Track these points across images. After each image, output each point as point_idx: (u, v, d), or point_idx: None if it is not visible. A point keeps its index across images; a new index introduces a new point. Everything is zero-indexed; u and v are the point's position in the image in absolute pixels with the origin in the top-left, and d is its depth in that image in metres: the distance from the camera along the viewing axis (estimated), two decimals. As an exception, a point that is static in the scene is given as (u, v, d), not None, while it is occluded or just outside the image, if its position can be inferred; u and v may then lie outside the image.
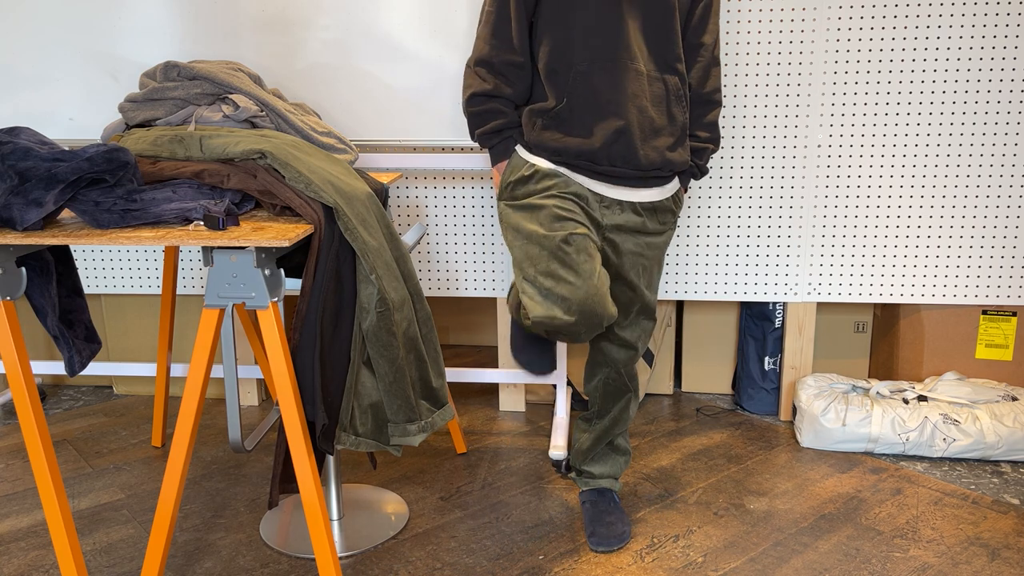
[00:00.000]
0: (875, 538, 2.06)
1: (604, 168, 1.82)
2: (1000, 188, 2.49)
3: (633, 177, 1.85)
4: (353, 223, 1.67)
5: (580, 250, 1.74)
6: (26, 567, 1.99)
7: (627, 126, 1.79)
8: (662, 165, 1.84)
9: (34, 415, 1.68)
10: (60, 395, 3.02)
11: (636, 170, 1.83)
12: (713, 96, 1.91)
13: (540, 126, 1.84)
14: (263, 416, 2.81)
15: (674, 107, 1.84)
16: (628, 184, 1.85)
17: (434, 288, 2.72)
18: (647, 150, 1.82)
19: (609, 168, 1.82)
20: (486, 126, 1.89)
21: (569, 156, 1.83)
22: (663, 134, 1.84)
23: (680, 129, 1.86)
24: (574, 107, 1.80)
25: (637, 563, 1.97)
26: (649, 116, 1.81)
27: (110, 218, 1.59)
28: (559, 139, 1.82)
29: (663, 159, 1.84)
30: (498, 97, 1.87)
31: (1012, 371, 2.63)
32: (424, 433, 1.84)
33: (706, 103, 1.91)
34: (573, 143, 1.81)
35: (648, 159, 1.82)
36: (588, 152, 1.81)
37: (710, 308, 2.87)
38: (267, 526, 2.14)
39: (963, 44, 2.40)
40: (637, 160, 1.81)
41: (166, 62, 2.02)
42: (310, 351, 1.68)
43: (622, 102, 1.78)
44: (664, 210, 1.93)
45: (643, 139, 1.81)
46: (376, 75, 2.41)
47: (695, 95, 1.90)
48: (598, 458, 2.18)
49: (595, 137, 1.80)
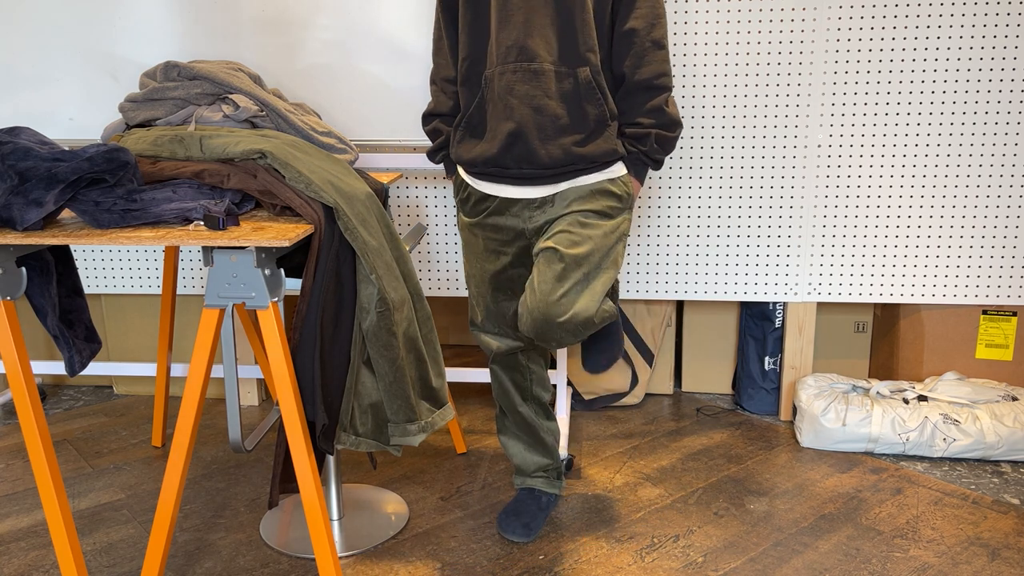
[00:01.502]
0: (875, 538, 2.06)
1: (514, 171, 1.80)
2: (1000, 188, 2.49)
3: (549, 176, 1.81)
4: (353, 223, 1.67)
5: (499, 288, 1.94)
6: (26, 567, 1.99)
7: (520, 128, 1.76)
8: (573, 161, 1.78)
9: (34, 415, 1.68)
10: (60, 395, 3.02)
11: (544, 168, 1.79)
12: (653, 82, 1.80)
13: (457, 138, 1.87)
14: (263, 416, 2.81)
15: (586, 101, 1.77)
16: (549, 180, 1.82)
17: (434, 288, 2.72)
18: (550, 148, 1.77)
19: (519, 171, 1.80)
20: (432, 144, 1.96)
21: (478, 165, 1.83)
22: (570, 131, 1.78)
23: (594, 122, 1.78)
24: (480, 114, 1.82)
25: (637, 563, 1.97)
26: (550, 114, 1.76)
27: (110, 218, 1.59)
28: (469, 148, 1.84)
29: (570, 155, 1.78)
30: (440, 115, 1.93)
31: (1012, 371, 2.63)
32: (424, 433, 1.84)
33: (645, 90, 1.80)
34: (478, 150, 1.82)
35: (552, 157, 1.77)
36: (491, 158, 1.80)
37: (710, 308, 2.87)
38: (267, 526, 2.14)
39: (963, 44, 2.40)
40: (539, 159, 1.77)
41: (166, 62, 2.02)
42: (310, 351, 1.68)
43: (515, 104, 1.76)
44: (604, 192, 1.83)
45: (543, 139, 1.77)
46: (376, 75, 2.41)
47: (630, 84, 1.80)
48: None
49: (495, 142, 1.79)
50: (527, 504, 2.13)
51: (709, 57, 2.47)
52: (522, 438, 2.13)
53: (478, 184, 1.88)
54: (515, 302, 1.94)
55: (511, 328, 1.98)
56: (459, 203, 1.96)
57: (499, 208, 1.87)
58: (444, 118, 1.94)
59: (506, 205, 1.86)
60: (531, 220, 1.85)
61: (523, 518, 2.09)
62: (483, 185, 1.87)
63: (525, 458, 2.14)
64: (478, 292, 1.98)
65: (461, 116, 1.86)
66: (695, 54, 2.47)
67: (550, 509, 2.17)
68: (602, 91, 1.79)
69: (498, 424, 2.15)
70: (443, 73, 1.91)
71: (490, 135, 1.81)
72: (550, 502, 2.17)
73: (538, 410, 2.11)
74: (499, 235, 1.89)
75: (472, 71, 1.82)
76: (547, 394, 2.11)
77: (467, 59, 1.82)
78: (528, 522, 2.08)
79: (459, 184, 1.94)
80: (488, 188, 1.87)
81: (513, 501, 2.16)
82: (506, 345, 2.00)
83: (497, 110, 1.78)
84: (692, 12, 2.44)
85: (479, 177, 1.88)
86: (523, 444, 2.14)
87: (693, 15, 2.44)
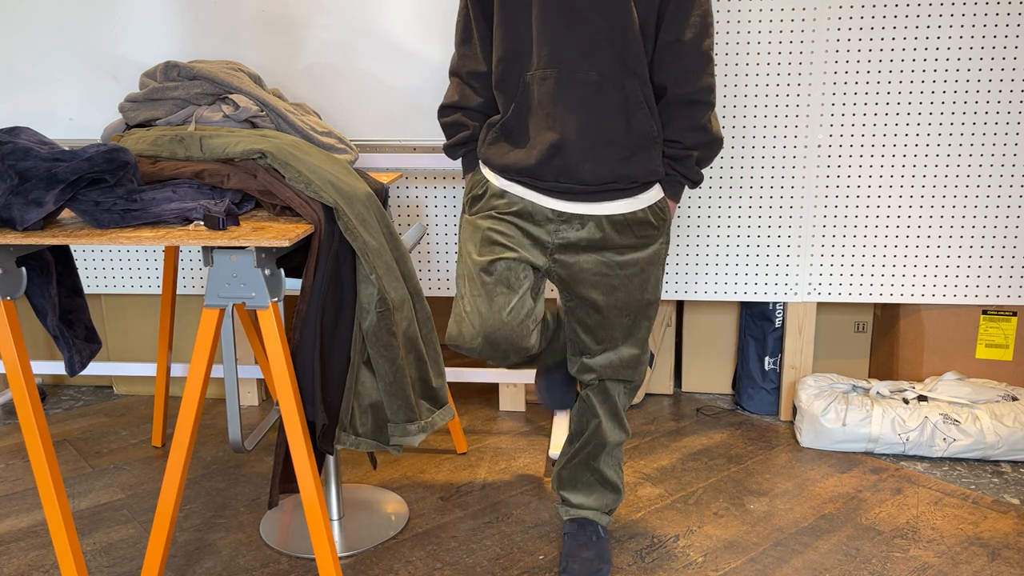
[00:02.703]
0: (875, 538, 2.06)
1: (550, 184, 1.71)
2: (1000, 188, 2.49)
3: (586, 192, 1.71)
4: (353, 223, 1.67)
5: (500, 280, 1.72)
6: (26, 567, 1.99)
7: (563, 140, 1.66)
8: (615, 179, 1.69)
9: (34, 415, 1.68)
10: (60, 395, 3.02)
11: (584, 184, 1.70)
12: (697, 96, 1.70)
13: (488, 140, 1.77)
14: (263, 416, 2.81)
15: (633, 115, 1.67)
16: (584, 198, 1.72)
17: (434, 288, 2.72)
18: (593, 164, 1.67)
19: (555, 184, 1.70)
20: (452, 139, 1.85)
21: (511, 173, 1.73)
22: (616, 145, 1.68)
23: (641, 138, 1.69)
24: (519, 119, 1.72)
25: (637, 563, 1.97)
26: (596, 127, 1.66)
27: (110, 218, 1.59)
28: (503, 154, 1.74)
29: (614, 173, 1.69)
30: (464, 109, 1.81)
31: (1012, 371, 2.63)
32: (424, 433, 1.84)
33: (688, 104, 1.70)
34: (513, 158, 1.72)
35: (595, 174, 1.68)
36: (527, 168, 1.70)
37: (710, 308, 2.87)
38: (267, 526, 2.14)
39: (963, 44, 2.40)
40: (579, 176, 1.68)
41: (166, 62, 2.02)
42: (310, 351, 1.68)
43: (560, 114, 1.66)
44: (639, 223, 1.75)
45: (586, 153, 1.67)
46: (376, 75, 2.41)
47: (672, 97, 1.70)
48: (580, 486, 1.98)
49: (533, 152, 1.69)
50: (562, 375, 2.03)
51: (709, 57, 2.47)
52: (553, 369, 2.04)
53: (505, 185, 1.76)
54: (513, 296, 1.74)
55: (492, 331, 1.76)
56: (470, 200, 1.82)
57: (522, 213, 1.75)
58: (469, 112, 1.81)
59: (530, 212, 1.74)
60: (556, 233, 1.74)
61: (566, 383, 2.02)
62: (512, 187, 1.75)
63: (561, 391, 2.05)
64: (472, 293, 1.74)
65: (499, 118, 1.75)
66: (695, 54, 2.47)
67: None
68: (650, 105, 1.69)
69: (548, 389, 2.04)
70: (469, 66, 1.79)
71: (528, 145, 1.70)
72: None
73: None
74: (513, 232, 1.74)
75: (509, 72, 1.71)
76: None
77: (503, 60, 1.71)
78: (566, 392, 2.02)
79: (477, 181, 1.81)
80: (516, 190, 1.75)
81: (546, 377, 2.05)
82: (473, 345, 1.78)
83: (538, 118, 1.68)
84: (692, 12, 2.44)
85: (507, 178, 1.76)
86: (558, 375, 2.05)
87: (693, 15, 2.44)
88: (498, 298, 1.71)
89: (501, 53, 1.71)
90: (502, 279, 1.72)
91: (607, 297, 1.77)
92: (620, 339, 1.83)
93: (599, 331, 1.82)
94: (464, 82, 1.81)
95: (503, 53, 1.71)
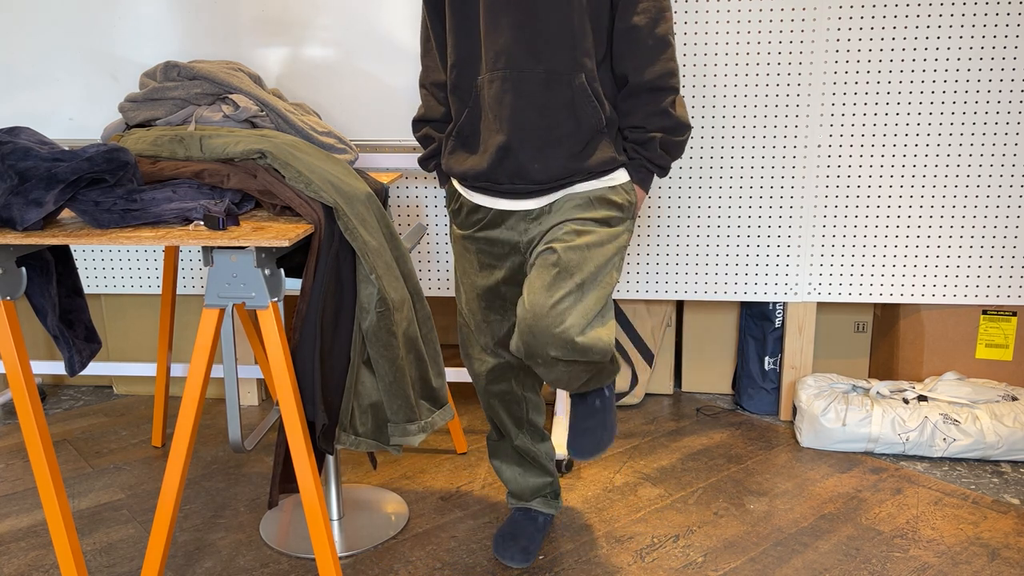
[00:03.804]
0: (875, 538, 2.06)
1: (506, 187, 1.68)
2: (1000, 188, 2.49)
3: (543, 189, 1.68)
4: (353, 223, 1.67)
5: (491, 306, 1.82)
6: (26, 567, 1.99)
7: (510, 141, 1.64)
8: (569, 174, 1.66)
9: (34, 415, 1.68)
10: (60, 395, 3.02)
11: (538, 184, 1.66)
12: (659, 83, 1.64)
13: (448, 149, 1.76)
14: (263, 416, 2.81)
15: (581, 110, 1.63)
16: (544, 193, 1.69)
17: (434, 288, 2.72)
18: (543, 163, 1.64)
19: (510, 186, 1.68)
20: (423, 152, 1.85)
21: (470, 180, 1.72)
22: (565, 143, 1.64)
23: (591, 131, 1.65)
24: (472, 125, 1.70)
25: (637, 563, 1.97)
26: (544, 126, 1.63)
27: (110, 218, 1.59)
28: (461, 161, 1.73)
29: (566, 169, 1.65)
30: (431, 121, 1.81)
31: (1012, 371, 2.63)
32: (424, 433, 1.84)
33: (651, 91, 1.65)
34: (469, 164, 1.71)
35: (547, 173, 1.65)
36: (482, 173, 1.68)
37: (710, 308, 2.87)
38: (267, 526, 2.14)
39: (963, 44, 2.40)
40: (531, 175, 1.65)
41: (166, 62, 2.02)
42: (310, 351, 1.68)
43: (505, 116, 1.63)
44: (602, 200, 1.69)
45: (534, 152, 1.64)
46: (376, 75, 2.41)
47: (633, 85, 1.65)
48: None
49: (485, 156, 1.68)
50: (524, 526, 2.02)
51: (709, 57, 2.47)
52: (517, 463, 2.02)
53: (471, 196, 1.76)
54: (507, 322, 1.82)
55: (502, 348, 1.86)
56: (451, 213, 1.84)
57: (493, 221, 1.75)
58: (435, 124, 1.82)
59: (500, 217, 1.74)
60: (526, 232, 1.73)
61: (521, 541, 1.98)
62: (476, 197, 1.75)
63: (519, 483, 2.03)
64: (468, 309, 1.86)
65: (452, 126, 1.74)
66: (695, 54, 2.47)
67: (547, 529, 2.07)
68: (598, 98, 1.65)
69: (489, 447, 2.04)
70: (432, 77, 1.79)
71: (481, 148, 1.69)
72: (547, 522, 2.06)
73: (533, 436, 1.99)
74: (493, 248, 1.77)
75: (462, 78, 1.69)
76: (541, 418, 2.00)
77: (456, 65, 1.69)
78: (526, 545, 1.98)
79: (451, 194, 1.82)
80: (481, 200, 1.75)
81: (509, 522, 2.05)
82: (494, 362, 1.87)
83: (488, 121, 1.67)
84: (692, 12, 2.44)
85: (471, 189, 1.76)
86: (519, 469, 2.02)
87: (693, 15, 2.44)
88: (494, 323, 1.84)
89: (454, 59, 1.69)
90: (494, 306, 1.82)
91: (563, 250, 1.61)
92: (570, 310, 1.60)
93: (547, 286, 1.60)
94: (429, 93, 1.80)
95: (455, 59, 1.69)
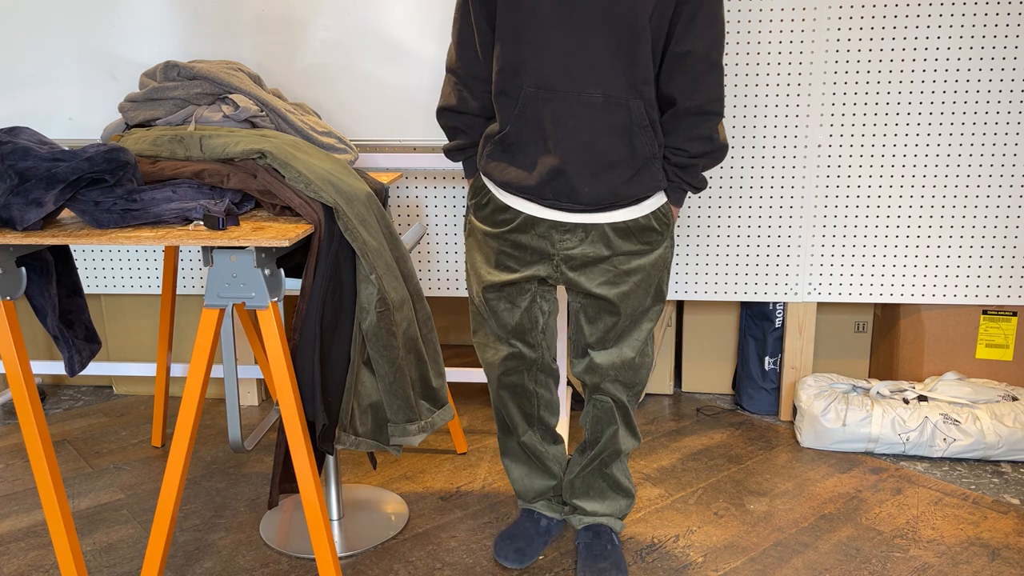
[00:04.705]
0: (875, 538, 2.06)
1: (550, 201, 1.67)
2: (1000, 188, 2.49)
3: (586, 209, 1.67)
4: (353, 223, 1.67)
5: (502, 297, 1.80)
6: (26, 567, 1.99)
7: (563, 165, 1.62)
8: (618, 199, 1.66)
9: (34, 415, 1.68)
10: (60, 395, 3.02)
11: (585, 204, 1.66)
12: (706, 107, 1.64)
13: (487, 153, 1.72)
14: (263, 416, 2.81)
15: (637, 137, 1.62)
16: (585, 210, 1.67)
17: (434, 288, 2.72)
18: (593, 186, 1.63)
19: (554, 202, 1.67)
20: (451, 143, 1.81)
21: (512, 188, 1.69)
22: (618, 168, 1.63)
23: (644, 159, 1.65)
24: (518, 136, 1.65)
25: (637, 563, 1.97)
26: (599, 150, 1.61)
27: (110, 218, 1.59)
28: (503, 170, 1.69)
29: (616, 195, 1.65)
30: (463, 113, 1.75)
31: (1012, 371, 2.63)
32: (424, 433, 1.84)
33: (696, 115, 1.64)
34: (513, 176, 1.67)
35: (595, 195, 1.64)
36: (528, 188, 1.66)
37: (710, 308, 2.87)
38: (267, 526, 2.14)
39: (963, 44, 2.40)
40: (581, 197, 1.64)
41: (166, 62, 2.02)
42: (310, 351, 1.68)
43: (561, 138, 1.61)
44: (642, 229, 1.71)
45: (587, 176, 1.63)
46: (376, 75, 2.41)
47: (680, 109, 1.64)
48: (594, 493, 1.97)
49: (534, 172, 1.65)
50: (525, 528, 2.01)
51: (709, 57, 2.47)
52: (525, 463, 2.01)
53: (506, 197, 1.72)
54: (517, 310, 1.81)
55: (514, 337, 1.84)
56: (473, 206, 1.79)
57: (523, 226, 1.71)
58: (467, 117, 1.75)
59: (531, 224, 1.70)
60: (561, 245, 1.70)
61: (518, 542, 1.98)
62: (512, 199, 1.71)
63: (525, 484, 2.02)
64: (477, 299, 1.84)
65: (497, 131, 1.68)
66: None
67: (552, 535, 2.04)
68: (654, 126, 1.64)
69: (500, 445, 2.02)
70: (468, 69, 1.72)
71: (528, 164, 1.65)
72: (551, 527, 2.04)
73: (544, 436, 1.98)
74: (518, 252, 1.74)
75: (510, 85, 1.63)
76: (554, 418, 1.98)
77: (503, 71, 1.63)
78: (522, 547, 1.97)
79: (479, 188, 1.77)
80: (516, 203, 1.71)
81: (513, 523, 2.05)
82: (508, 351, 1.84)
83: (538, 139, 1.63)
84: (692, 12, 2.43)
85: (506, 191, 1.71)
86: (525, 469, 2.01)
87: (693, 15, 2.44)
88: (503, 313, 1.81)
89: (501, 64, 1.64)
90: (505, 297, 1.80)
91: (615, 296, 1.73)
92: (622, 339, 1.80)
93: (605, 328, 1.78)
94: (462, 83, 1.73)
95: (503, 64, 1.63)
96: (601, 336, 1.79)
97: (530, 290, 1.80)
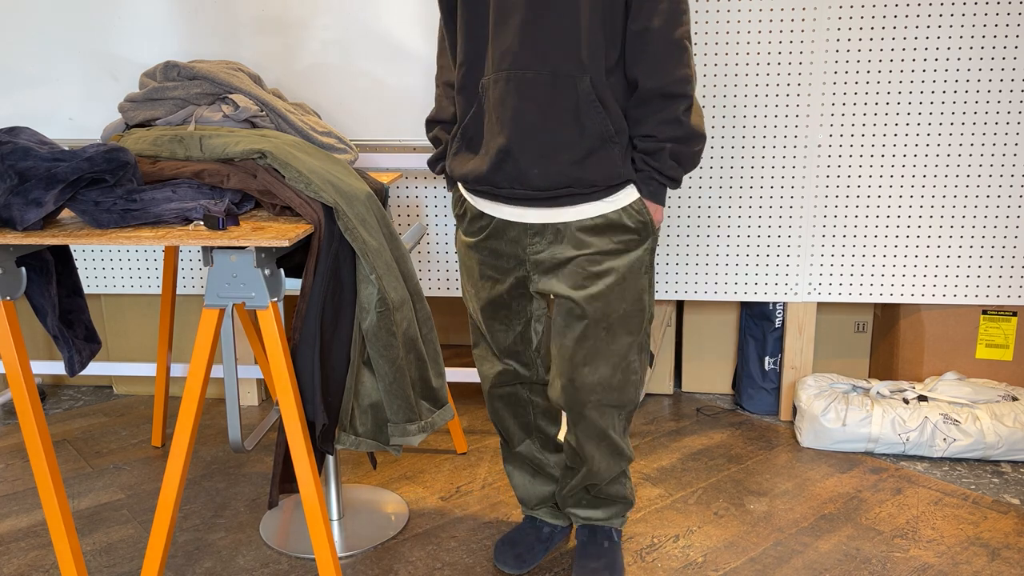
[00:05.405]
0: (875, 538, 2.06)
1: (506, 192, 1.63)
2: (1000, 188, 2.49)
3: (542, 198, 1.62)
4: (353, 223, 1.67)
5: (495, 316, 1.80)
6: (26, 567, 1.99)
7: (510, 144, 1.58)
8: (570, 183, 1.59)
9: (34, 415, 1.68)
10: (60, 395, 3.02)
11: (537, 190, 1.61)
12: (671, 89, 1.55)
13: (453, 151, 1.71)
14: (263, 416, 2.81)
15: (585, 115, 1.56)
16: (543, 204, 1.63)
17: (434, 288, 2.72)
18: (543, 168, 1.58)
19: (510, 191, 1.63)
20: (433, 153, 1.82)
21: (472, 183, 1.68)
22: (567, 148, 1.58)
23: (596, 139, 1.58)
24: (476, 125, 1.65)
25: (637, 563, 1.97)
26: (545, 130, 1.57)
27: (110, 218, 1.59)
28: (464, 163, 1.68)
29: (567, 177, 1.59)
30: (441, 122, 1.78)
31: (1012, 371, 2.63)
32: (424, 433, 1.84)
33: (662, 97, 1.56)
34: (471, 166, 1.66)
35: (546, 179, 1.59)
36: (483, 176, 1.64)
37: (710, 308, 2.87)
38: (267, 526, 2.14)
39: (963, 44, 2.40)
40: (530, 181, 1.60)
41: (166, 62, 2.02)
42: (310, 351, 1.68)
43: (507, 118, 1.58)
44: (614, 227, 1.63)
45: (536, 157, 1.58)
46: (376, 75, 2.41)
47: (644, 91, 1.57)
48: (586, 503, 1.93)
49: (486, 158, 1.63)
50: (526, 534, 1.98)
51: (709, 57, 2.47)
52: (526, 470, 1.98)
53: (475, 201, 1.72)
54: (511, 332, 1.79)
55: (508, 357, 1.84)
56: (457, 218, 1.80)
57: (496, 231, 1.70)
58: (444, 125, 1.77)
59: (503, 229, 1.69)
60: (531, 250, 1.68)
61: (518, 548, 1.95)
62: (479, 203, 1.71)
63: (527, 490, 1.99)
64: (474, 317, 1.84)
65: (457, 127, 1.69)
66: (695, 54, 2.47)
67: (554, 542, 2.00)
68: (605, 104, 1.57)
69: (502, 451, 2.00)
70: (445, 77, 1.76)
71: (483, 150, 1.64)
72: (554, 534, 2.00)
73: (544, 444, 1.94)
74: (497, 261, 1.73)
75: (469, 78, 1.64)
76: (554, 427, 1.93)
77: (464, 64, 1.64)
78: (521, 553, 1.94)
79: (457, 199, 1.78)
80: (484, 207, 1.70)
81: (514, 528, 2.03)
82: (502, 367, 1.84)
83: (491, 123, 1.61)
84: (691, 12, 2.44)
85: (475, 194, 1.71)
86: (528, 476, 1.98)
87: (692, 15, 2.44)
88: (498, 334, 1.82)
89: (462, 58, 1.64)
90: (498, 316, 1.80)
91: (582, 298, 1.65)
92: (600, 355, 1.69)
93: (575, 339, 1.69)
94: (442, 93, 1.77)
95: (463, 58, 1.64)
96: (572, 349, 1.69)
97: (525, 316, 1.79)
